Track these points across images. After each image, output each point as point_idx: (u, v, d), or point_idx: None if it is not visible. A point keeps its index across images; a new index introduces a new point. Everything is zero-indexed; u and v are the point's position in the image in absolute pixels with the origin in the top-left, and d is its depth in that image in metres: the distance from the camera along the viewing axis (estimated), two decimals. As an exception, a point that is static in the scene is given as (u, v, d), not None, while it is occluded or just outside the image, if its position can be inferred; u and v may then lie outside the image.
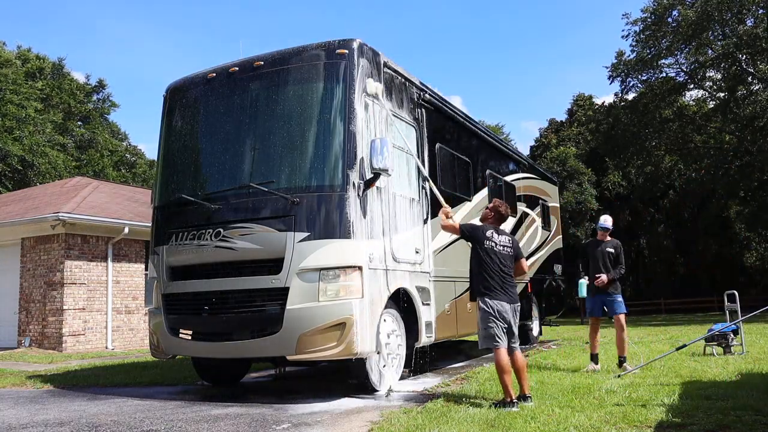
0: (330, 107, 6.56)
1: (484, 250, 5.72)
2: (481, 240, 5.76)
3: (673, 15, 27.94)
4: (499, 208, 6.01)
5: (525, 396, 5.57)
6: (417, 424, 4.67)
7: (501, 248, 5.76)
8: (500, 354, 5.50)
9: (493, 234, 5.80)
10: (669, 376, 7.00)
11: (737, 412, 4.80)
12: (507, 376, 5.43)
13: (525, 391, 5.61)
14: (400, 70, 7.63)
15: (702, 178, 30.83)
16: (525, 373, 5.70)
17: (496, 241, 5.76)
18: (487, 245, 5.72)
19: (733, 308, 9.54)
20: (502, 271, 5.70)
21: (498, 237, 5.81)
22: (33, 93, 31.84)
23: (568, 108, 46.35)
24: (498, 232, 5.87)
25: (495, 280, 5.65)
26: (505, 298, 5.64)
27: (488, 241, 5.74)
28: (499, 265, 5.70)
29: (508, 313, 5.63)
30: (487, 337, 5.60)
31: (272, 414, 5.48)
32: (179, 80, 7.73)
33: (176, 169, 7.45)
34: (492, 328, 5.55)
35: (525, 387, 5.64)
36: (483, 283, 5.68)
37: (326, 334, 5.93)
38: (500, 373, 5.48)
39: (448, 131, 9.06)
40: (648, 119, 29.80)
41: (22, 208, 16.13)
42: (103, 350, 14.28)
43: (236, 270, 6.41)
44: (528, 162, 13.75)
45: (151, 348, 7.24)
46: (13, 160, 28.32)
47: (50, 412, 5.90)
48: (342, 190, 6.22)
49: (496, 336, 5.54)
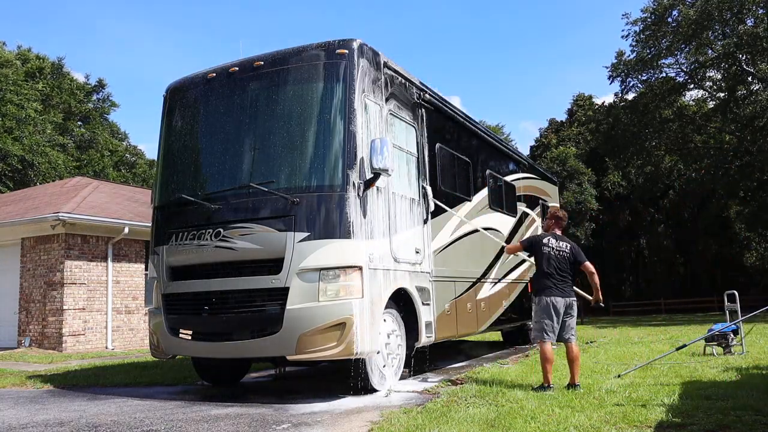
0: (330, 107, 6.56)
1: (543, 254, 6.41)
2: (539, 248, 6.46)
3: (673, 15, 27.94)
4: (556, 214, 6.74)
5: (574, 384, 6.20)
6: (417, 424, 4.66)
7: (557, 252, 6.41)
8: (544, 347, 6.22)
9: (550, 240, 6.48)
10: (669, 376, 7.00)
11: (737, 412, 4.80)
12: (548, 364, 6.20)
13: (575, 380, 6.24)
14: (401, 70, 7.63)
15: (702, 178, 30.82)
16: (577, 364, 6.34)
17: (553, 246, 6.43)
18: (545, 251, 6.41)
19: (733, 308, 9.54)
20: (558, 272, 6.34)
21: (556, 243, 6.46)
22: (33, 93, 31.84)
23: (568, 108, 46.37)
24: (557, 238, 6.52)
25: (550, 279, 6.31)
26: (558, 293, 6.27)
27: (545, 247, 6.42)
28: (555, 267, 6.34)
29: (561, 308, 6.26)
30: (537, 330, 6.33)
31: (272, 414, 5.48)
32: (179, 80, 7.73)
33: (176, 169, 7.45)
34: (542, 323, 6.24)
35: (575, 376, 6.28)
36: (540, 282, 6.40)
37: (326, 334, 5.93)
38: (542, 362, 6.27)
39: (448, 131, 9.05)
40: (648, 119, 29.79)
41: (22, 208, 16.13)
42: (103, 350, 14.28)
43: (236, 270, 6.41)
44: (528, 162, 13.74)
45: (151, 348, 7.23)
46: (14, 160, 28.33)
47: (50, 412, 5.90)
48: (342, 190, 6.21)
49: (545, 331, 6.21)
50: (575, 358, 6.30)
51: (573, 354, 6.30)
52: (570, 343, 6.35)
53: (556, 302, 6.24)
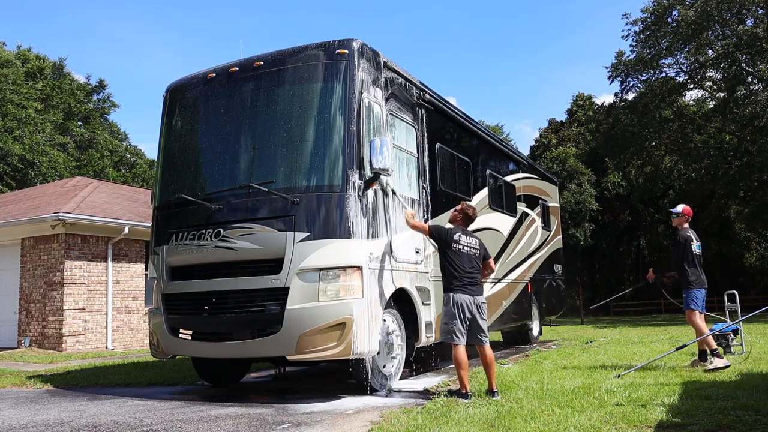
0: (330, 107, 6.56)
1: (453, 250, 6.06)
2: (449, 242, 6.10)
3: (673, 15, 27.92)
4: (466, 211, 6.35)
5: (492, 391, 5.89)
6: (417, 424, 4.66)
7: (468, 249, 6.13)
8: (458, 350, 5.86)
9: (461, 236, 6.15)
10: (669, 376, 6.99)
11: (737, 412, 4.79)
12: (463, 371, 5.82)
13: (492, 387, 5.94)
14: (400, 70, 7.63)
15: (702, 178, 30.79)
16: (493, 369, 6.00)
17: (463, 243, 6.12)
18: (455, 247, 6.07)
19: (733, 308, 9.53)
20: (468, 270, 6.04)
21: (465, 239, 6.16)
22: (33, 93, 31.85)
23: (568, 108, 46.38)
24: (465, 234, 6.22)
25: (460, 278, 6.00)
26: (468, 292, 5.97)
27: (455, 243, 6.09)
28: (465, 265, 6.04)
29: (472, 307, 5.96)
30: (446, 332, 5.96)
31: (272, 414, 5.48)
32: (179, 80, 7.73)
33: (176, 169, 7.45)
34: (452, 325, 5.90)
35: (492, 383, 5.97)
36: (449, 280, 6.03)
37: (326, 334, 5.93)
38: (457, 368, 5.88)
39: (448, 131, 9.05)
40: (648, 119, 29.75)
41: (22, 208, 16.13)
42: (103, 350, 14.28)
43: (236, 270, 6.41)
44: (528, 162, 13.74)
45: (151, 348, 7.23)
46: (14, 160, 28.33)
47: (50, 412, 5.90)
48: (342, 190, 6.21)
49: (455, 332, 5.88)
50: (489, 362, 5.95)
51: (487, 358, 5.95)
52: (482, 346, 5.98)
53: (465, 301, 5.92)
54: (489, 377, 5.99)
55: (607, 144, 32.46)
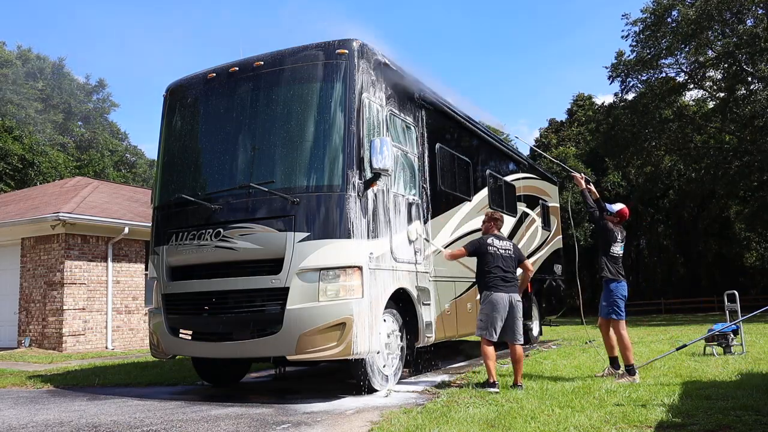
0: (330, 107, 6.56)
1: (489, 254, 6.51)
2: (484, 249, 6.57)
3: (672, 15, 27.92)
4: (492, 216, 6.90)
5: (517, 384, 6.32)
6: (417, 424, 4.66)
7: (503, 252, 6.56)
8: (486, 344, 6.31)
9: (494, 241, 6.62)
10: (669, 376, 6.99)
11: (737, 412, 4.79)
12: (491, 361, 6.26)
13: (517, 381, 6.37)
14: (401, 70, 7.62)
15: (702, 178, 30.79)
16: (521, 365, 6.44)
17: (497, 246, 6.58)
18: (490, 250, 6.52)
19: (733, 308, 9.54)
20: (503, 270, 6.46)
21: (499, 242, 6.62)
22: (33, 93, 31.84)
23: (568, 108, 46.37)
24: (499, 238, 6.68)
25: (497, 277, 6.42)
26: (503, 290, 6.38)
27: (490, 247, 6.54)
28: (501, 267, 6.47)
29: (507, 305, 6.36)
30: (482, 328, 6.38)
31: (272, 414, 5.48)
32: (179, 80, 7.72)
33: (176, 169, 7.44)
34: (488, 321, 6.32)
35: (518, 377, 6.40)
36: (485, 279, 6.47)
37: (326, 334, 5.93)
38: (485, 359, 6.32)
39: (448, 131, 9.05)
40: (648, 119, 29.75)
41: (22, 208, 16.13)
42: (103, 350, 14.28)
43: (236, 270, 6.40)
44: (528, 162, 13.73)
45: (151, 348, 7.23)
46: (14, 159, 28.34)
47: (50, 412, 5.89)
48: (342, 190, 6.21)
49: (490, 329, 6.31)
50: (519, 358, 6.40)
51: (516, 355, 6.41)
52: (514, 344, 6.44)
53: (501, 298, 6.35)
54: (515, 372, 6.41)
55: (607, 144, 32.46)
